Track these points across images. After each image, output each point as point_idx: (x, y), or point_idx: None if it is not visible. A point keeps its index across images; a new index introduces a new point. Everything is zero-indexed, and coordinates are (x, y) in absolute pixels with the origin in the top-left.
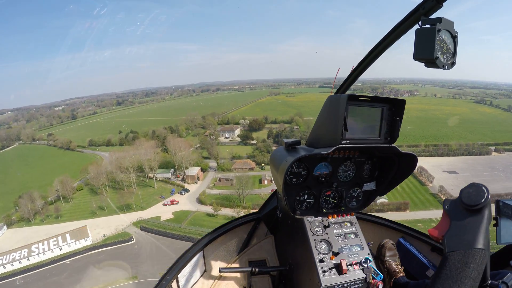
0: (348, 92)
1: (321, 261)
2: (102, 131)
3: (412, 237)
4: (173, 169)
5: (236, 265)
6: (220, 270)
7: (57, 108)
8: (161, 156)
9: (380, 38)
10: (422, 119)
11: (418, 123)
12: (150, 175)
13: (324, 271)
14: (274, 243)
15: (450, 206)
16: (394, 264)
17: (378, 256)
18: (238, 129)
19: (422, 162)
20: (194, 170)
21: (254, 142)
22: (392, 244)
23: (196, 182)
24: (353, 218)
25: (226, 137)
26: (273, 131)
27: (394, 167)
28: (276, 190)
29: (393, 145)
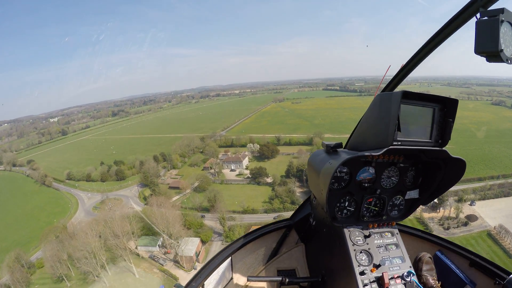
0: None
1: (362, 273)
2: (88, 154)
3: (450, 250)
4: (161, 239)
5: (264, 274)
6: (248, 278)
7: (52, 120)
8: (146, 214)
9: (434, 33)
10: (456, 132)
11: (455, 138)
12: (131, 245)
13: (365, 285)
14: (305, 252)
15: None
16: (431, 279)
17: (415, 269)
18: (247, 158)
19: (490, 210)
20: (191, 247)
21: (269, 180)
22: (430, 257)
23: (194, 268)
24: (394, 227)
25: (232, 170)
26: (293, 162)
27: (439, 174)
28: (310, 196)
29: (443, 148)
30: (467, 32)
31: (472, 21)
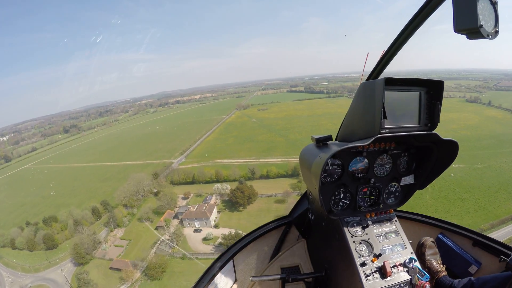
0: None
1: (363, 264)
2: (23, 195)
3: (452, 232)
4: None
5: (268, 273)
6: (252, 279)
7: (2, 139)
8: None
9: (411, 17)
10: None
11: (458, 154)
12: None
13: (367, 275)
14: (306, 248)
15: None
16: (436, 263)
17: (418, 255)
18: (215, 209)
19: None
20: None
21: None
22: (432, 241)
23: None
24: (392, 215)
25: (196, 230)
26: (279, 210)
27: (433, 157)
28: (306, 191)
29: (434, 131)
30: (426, 25)
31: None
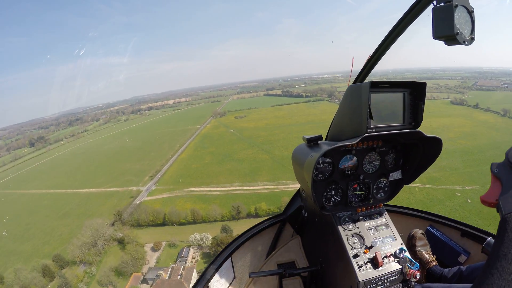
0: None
1: (355, 256)
2: None
3: (440, 224)
4: None
5: (265, 269)
6: (250, 275)
7: None
8: None
9: (394, 24)
10: (461, 160)
11: (468, 171)
12: None
13: (360, 266)
14: (301, 244)
15: (498, 169)
16: (426, 253)
17: (409, 246)
18: (194, 273)
19: None
20: None
21: None
22: (422, 233)
23: None
24: (382, 209)
25: None
26: None
27: (418, 153)
28: (299, 189)
29: (417, 129)
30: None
31: None
